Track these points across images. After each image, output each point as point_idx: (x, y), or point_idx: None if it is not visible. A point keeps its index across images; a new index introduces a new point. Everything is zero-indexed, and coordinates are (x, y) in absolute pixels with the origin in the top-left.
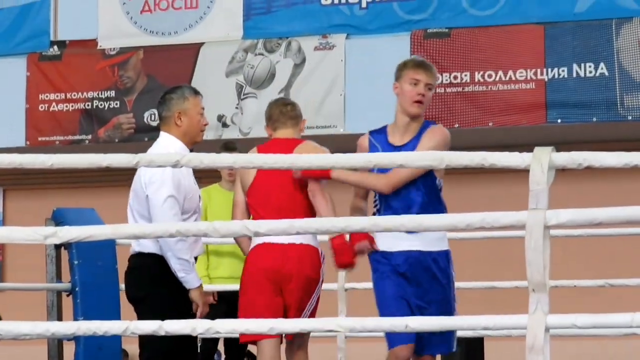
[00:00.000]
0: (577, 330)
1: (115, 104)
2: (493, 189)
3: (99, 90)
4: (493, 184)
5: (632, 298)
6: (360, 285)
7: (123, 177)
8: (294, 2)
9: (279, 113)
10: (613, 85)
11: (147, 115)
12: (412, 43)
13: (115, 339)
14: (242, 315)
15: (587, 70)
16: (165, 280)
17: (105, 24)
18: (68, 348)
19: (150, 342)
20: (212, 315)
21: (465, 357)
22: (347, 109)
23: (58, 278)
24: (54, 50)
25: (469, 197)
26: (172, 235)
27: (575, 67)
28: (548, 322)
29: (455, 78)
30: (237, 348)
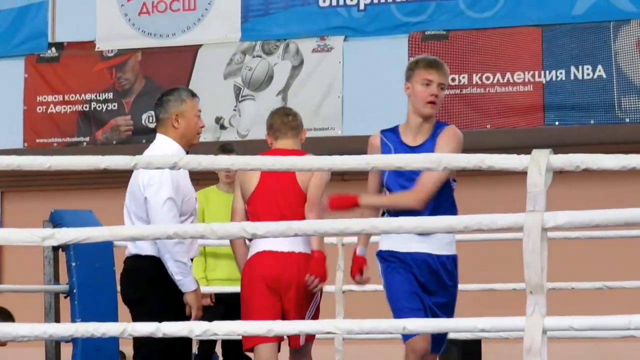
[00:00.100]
0: (574, 333)
1: (113, 106)
2: (491, 191)
3: (97, 92)
4: (491, 186)
5: (629, 300)
6: (358, 288)
7: (121, 179)
8: (292, 4)
9: (280, 123)
10: (611, 88)
11: (145, 117)
12: (410, 45)
13: (113, 341)
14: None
15: (584, 73)
16: (162, 283)
17: (103, 26)
18: (66, 350)
19: (145, 344)
20: (209, 317)
21: (463, 359)
22: (345, 111)
23: (56, 280)
24: (52, 52)
25: (467, 199)
26: (169, 237)
27: (573, 69)
28: (545, 324)
29: (453, 80)
30: (235, 350)
